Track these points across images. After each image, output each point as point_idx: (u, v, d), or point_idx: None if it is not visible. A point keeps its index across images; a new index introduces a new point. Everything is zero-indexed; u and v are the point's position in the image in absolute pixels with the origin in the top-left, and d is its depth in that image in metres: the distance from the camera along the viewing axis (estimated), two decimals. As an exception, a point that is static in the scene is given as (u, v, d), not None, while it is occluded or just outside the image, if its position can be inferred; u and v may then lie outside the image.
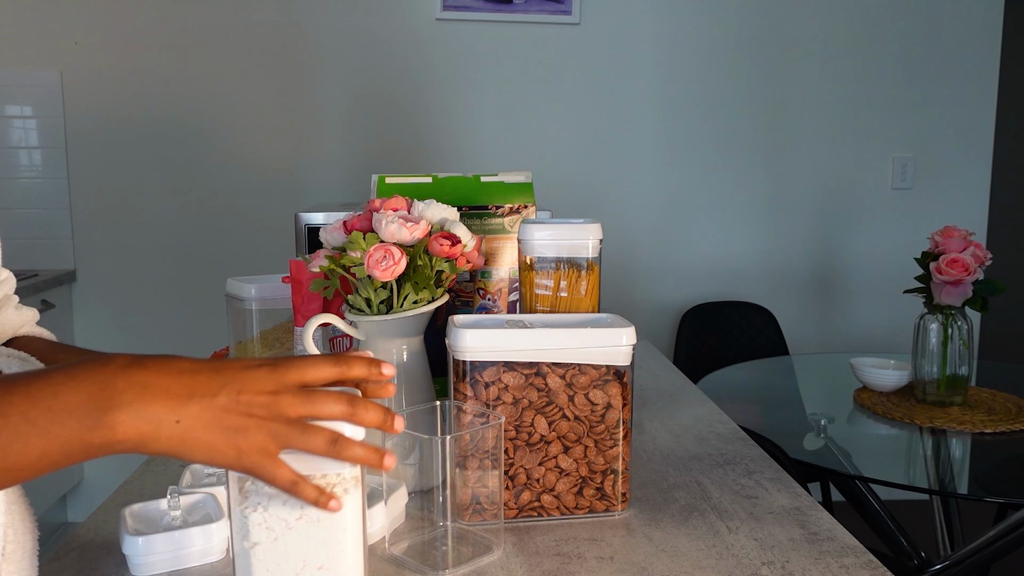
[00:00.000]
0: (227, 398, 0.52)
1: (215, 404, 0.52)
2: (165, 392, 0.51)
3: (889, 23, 2.89)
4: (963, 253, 1.70)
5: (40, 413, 0.48)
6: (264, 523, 0.59)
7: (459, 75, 2.80)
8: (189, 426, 0.51)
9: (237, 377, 0.53)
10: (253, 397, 0.53)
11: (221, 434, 0.52)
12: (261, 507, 0.59)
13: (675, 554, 0.82)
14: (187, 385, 0.52)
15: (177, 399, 0.51)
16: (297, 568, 0.60)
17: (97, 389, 0.50)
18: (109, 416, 0.49)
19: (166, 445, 0.51)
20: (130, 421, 0.50)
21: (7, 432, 0.47)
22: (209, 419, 0.52)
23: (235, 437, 0.52)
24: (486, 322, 0.91)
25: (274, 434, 0.53)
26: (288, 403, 0.54)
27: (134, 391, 0.50)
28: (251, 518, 0.59)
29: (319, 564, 0.60)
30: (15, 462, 0.47)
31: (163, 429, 0.51)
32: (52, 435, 0.48)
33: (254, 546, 0.59)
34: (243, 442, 0.52)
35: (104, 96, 2.70)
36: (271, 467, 0.53)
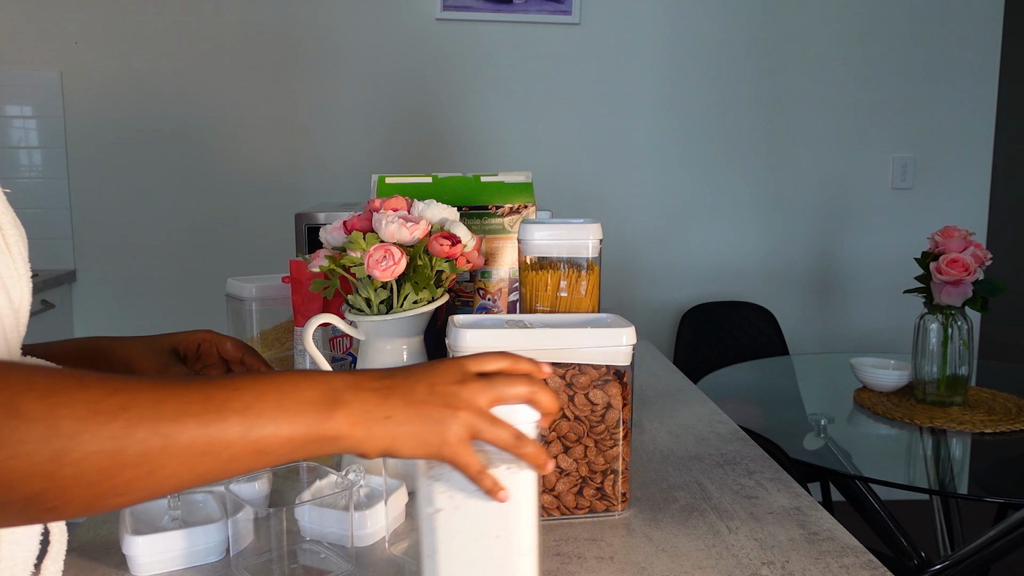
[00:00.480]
0: (424, 391, 0.58)
1: (413, 397, 0.57)
2: (373, 393, 0.57)
3: (889, 23, 2.89)
4: (963, 253, 1.70)
5: (289, 403, 0.53)
6: (447, 492, 0.63)
7: (459, 75, 2.80)
8: (398, 421, 0.56)
9: (429, 373, 0.59)
10: (446, 388, 0.58)
11: (423, 425, 0.57)
12: (445, 477, 0.63)
13: (675, 554, 0.82)
14: (388, 385, 0.57)
15: (382, 395, 0.57)
16: (476, 536, 0.64)
17: (327, 388, 0.56)
18: (337, 412, 0.55)
19: (381, 443, 0.56)
20: (352, 418, 0.55)
21: (265, 418, 0.52)
22: (412, 413, 0.57)
23: (437, 428, 0.57)
24: (486, 322, 0.91)
25: (469, 425, 0.58)
26: (476, 389, 0.59)
27: (351, 391, 0.56)
28: (435, 487, 0.63)
29: (496, 534, 0.64)
30: (267, 445, 0.52)
31: (377, 427, 0.56)
32: (298, 424, 0.53)
33: (437, 512, 0.63)
34: (444, 432, 0.57)
35: (104, 96, 2.70)
36: (466, 456, 0.58)
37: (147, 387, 0.50)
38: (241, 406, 0.52)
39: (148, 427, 0.48)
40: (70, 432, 0.45)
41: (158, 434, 0.48)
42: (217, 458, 0.51)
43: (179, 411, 0.49)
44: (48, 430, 0.45)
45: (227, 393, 0.52)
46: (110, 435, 0.47)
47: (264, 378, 0.54)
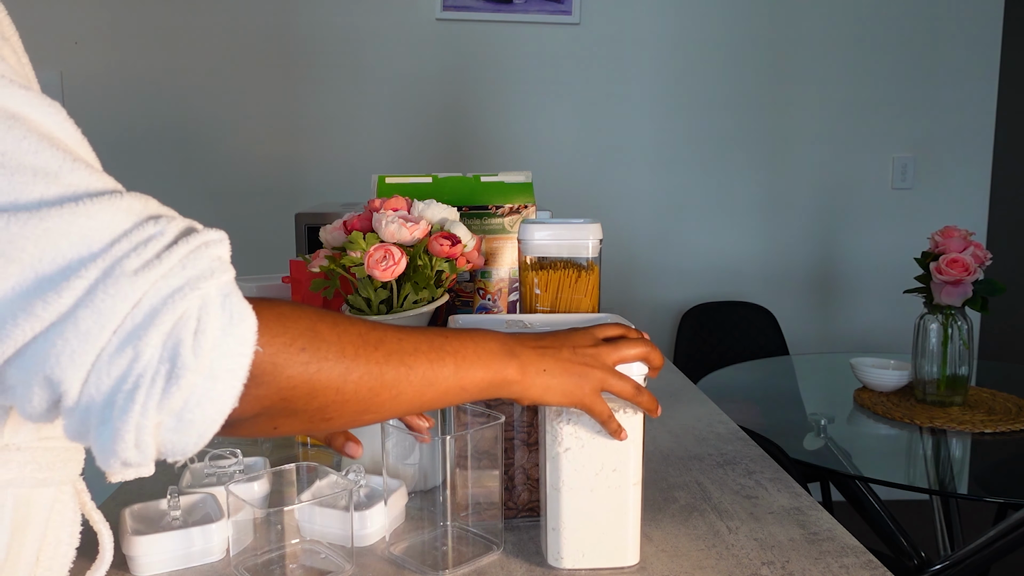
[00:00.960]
0: (568, 352, 0.71)
1: (561, 356, 0.71)
2: (532, 349, 0.70)
3: (889, 23, 2.89)
4: (963, 253, 1.70)
5: (483, 352, 0.66)
6: (574, 433, 0.77)
7: (459, 75, 2.80)
8: (551, 372, 0.69)
9: (570, 337, 0.73)
10: (585, 350, 0.72)
11: (569, 379, 0.70)
12: (572, 421, 0.77)
13: (675, 554, 0.82)
14: (542, 346, 0.71)
15: (538, 352, 0.70)
16: (596, 469, 0.78)
17: (504, 342, 0.68)
18: (513, 360, 0.67)
19: (538, 390, 0.69)
20: (521, 369, 0.68)
21: (469, 361, 0.64)
22: (561, 368, 0.70)
23: (580, 381, 0.71)
24: (486, 322, 0.91)
25: (602, 379, 0.72)
26: (606, 351, 0.73)
27: (519, 347, 0.69)
28: (564, 429, 0.77)
29: (613, 467, 0.78)
30: (468, 383, 0.64)
31: (538, 377, 0.69)
32: (488, 370, 0.66)
33: (566, 451, 0.77)
34: (585, 384, 0.71)
35: (104, 96, 2.70)
36: (600, 404, 0.73)
37: (390, 328, 0.61)
38: (452, 350, 0.64)
39: (398, 359, 0.59)
40: (352, 354, 0.56)
41: (404, 364, 0.60)
42: (436, 390, 0.62)
43: (415, 348, 0.61)
44: (340, 352, 0.55)
45: (441, 339, 0.64)
46: (376, 360, 0.58)
47: (462, 332, 0.67)
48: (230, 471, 0.95)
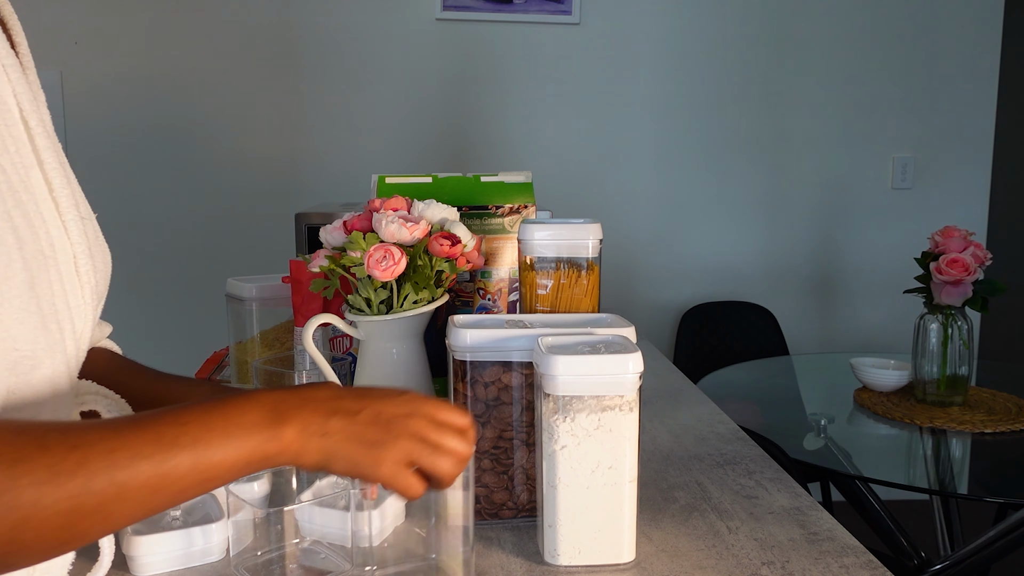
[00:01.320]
0: (368, 415, 0.60)
1: (358, 419, 0.59)
2: (317, 409, 0.59)
3: (889, 23, 2.89)
4: (963, 253, 1.70)
5: (235, 429, 0.55)
6: (571, 431, 0.77)
7: (459, 75, 2.80)
8: (335, 438, 0.58)
9: (378, 399, 0.61)
10: (392, 416, 0.60)
11: (360, 446, 0.59)
12: (569, 418, 0.76)
13: (675, 554, 0.82)
14: (334, 405, 0.59)
15: (324, 415, 0.58)
16: (592, 466, 0.77)
17: (271, 407, 0.57)
18: (281, 429, 0.57)
19: (315, 456, 0.58)
20: (293, 435, 0.57)
21: (213, 447, 0.54)
22: (351, 432, 0.59)
23: (374, 449, 0.59)
24: (486, 322, 0.91)
25: (408, 449, 0.60)
26: (422, 425, 0.61)
27: (296, 409, 0.58)
28: (560, 426, 0.77)
29: (609, 464, 0.78)
30: (214, 472, 0.54)
31: (312, 441, 0.58)
32: (243, 447, 0.55)
33: (562, 448, 0.77)
34: (382, 453, 0.59)
35: (104, 96, 2.70)
36: (404, 479, 0.60)
37: (104, 435, 0.51)
38: (190, 440, 0.53)
39: (105, 479, 0.49)
40: (31, 501, 0.46)
41: (114, 484, 0.50)
42: (168, 491, 0.53)
43: (133, 456, 0.51)
44: (12, 501, 0.46)
45: (176, 429, 0.53)
46: (68, 495, 0.48)
47: (213, 407, 0.56)
48: None
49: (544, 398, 0.78)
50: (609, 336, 0.84)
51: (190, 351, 2.77)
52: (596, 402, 0.77)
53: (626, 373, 0.76)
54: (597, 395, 0.76)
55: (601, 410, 0.77)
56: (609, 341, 0.82)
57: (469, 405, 0.86)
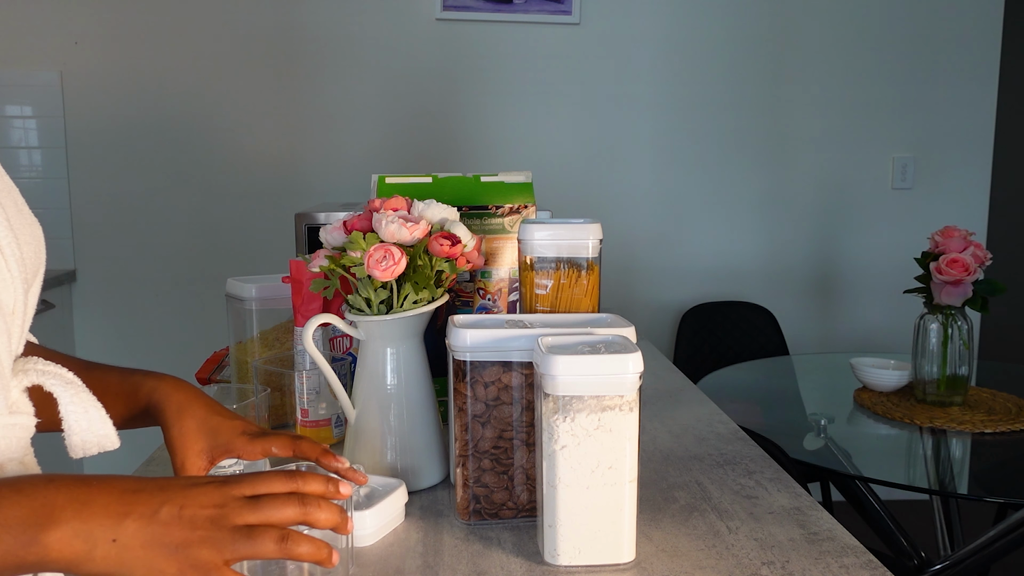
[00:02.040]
0: (168, 514, 0.51)
1: (156, 520, 0.51)
2: (104, 510, 0.50)
3: (889, 23, 2.89)
4: (963, 253, 1.70)
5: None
6: (571, 431, 0.77)
7: (459, 75, 2.80)
8: (126, 545, 0.50)
9: (181, 493, 0.52)
10: (197, 511, 0.52)
11: (161, 551, 0.50)
12: (569, 418, 0.77)
13: (675, 554, 0.82)
14: (127, 503, 0.51)
15: (115, 517, 0.50)
16: (592, 466, 0.77)
17: (39, 505, 0.48)
18: (45, 534, 0.48)
19: (101, 565, 0.49)
20: (65, 540, 0.48)
21: None
22: (148, 536, 0.50)
23: (177, 553, 0.50)
24: (486, 322, 0.91)
25: (219, 545, 0.51)
26: (235, 513, 0.53)
27: (73, 508, 0.49)
28: (560, 426, 0.77)
29: (609, 464, 0.78)
30: None
31: (98, 548, 0.49)
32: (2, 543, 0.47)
33: (563, 448, 0.77)
34: (186, 558, 0.51)
35: (104, 96, 2.70)
36: (189, 562, 0.51)
37: None
38: None
39: None
40: None
41: None
42: None
43: None
44: None
45: None
46: None
47: None
48: (230, 471, 0.95)
49: (544, 398, 0.78)
50: (609, 336, 0.84)
51: (190, 351, 2.77)
52: (596, 402, 0.77)
53: (626, 373, 0.76)
54: (597, 395, 0.76)
55: (601, 410, 0.77)
56: (609, 341, 0.82)
57: (469, 405, 0.87)
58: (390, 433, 0.96)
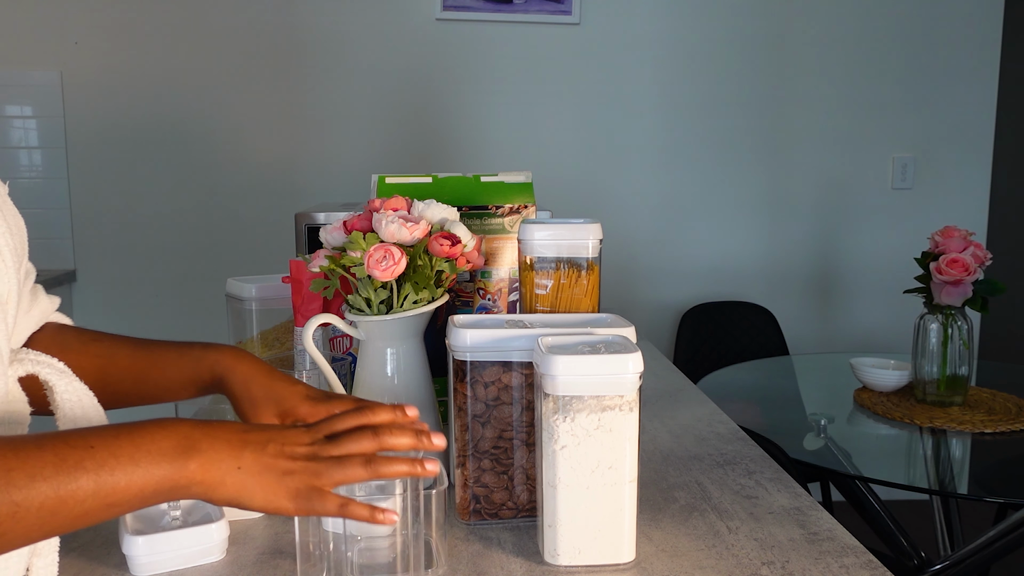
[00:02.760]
0: (274, 449, 0.61)
1: (266, 452, 0.60)
2: (227, 444, 0.59)
3: (889, 23, 2.89)
4: (963, 253, 1.70)
5: (142, 456, 0.56)
6: (571, 431, 0.77)
7: (459, 75, 2.80)
8: (248, 471, 0.59)
9: (280, 434, 0.63)
10: (295, 448, 0.62)
11: (272, 478, 0.60)
12: (569, 418, 0.77)
13: (675, 554, 0.82)
14: (243, 439, 0.60)
15: (237, 447, 0.60)
16: (592, 466, 0.77)
17: (183, 437, 0.58)
18: (192, 460, 0.57)
19: (232, 490, 0.59)
20: (205, 466, 0.58)
21: (118, 473, 0.54)
22: (262, 465, 0.60)
23: (285, 479, 0.60)
24: (486, 322, 0.91)
25: (316, 472, 0.61)
26: (324, 450, 0.63)
27: (207, 441, 0.59)
28: (560, 427, 0.77)
29: (609, 464, 0.78)
30: (120, 497, 0.55)
31: (228, 475, 0.59)
32: (150, 475, 0.56)
33: (563, 448, 0.77)
34: (292, 483, 0.60)
35: (104, 96, 2.70)
36: (320, 501, 0.61)
37: (2, 453, 0.51)
38: (94, 464, 0.53)
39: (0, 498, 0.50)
40: None
41: (9, 502, 0.50)
42: (68, 515, 0.52)
43: (30, 477, 0.51)
44: None
45: (81, 452, 0.53)
46: None
47: (121, 431, 0.56)
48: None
49: (544, 398, 0.78)
50: (609, 336, 0.84)
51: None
52: (596, 402, 0.77)
53: (626, 373, 0.76)
54: (597, 395, 0.76)
55: (601, 410, 0.77)
56: (609, 341, 0.82)
57: (469, 405, 0.87)
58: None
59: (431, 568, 0.79)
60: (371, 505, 0.63)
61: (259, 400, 0.79)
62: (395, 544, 0.79)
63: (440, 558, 0.79)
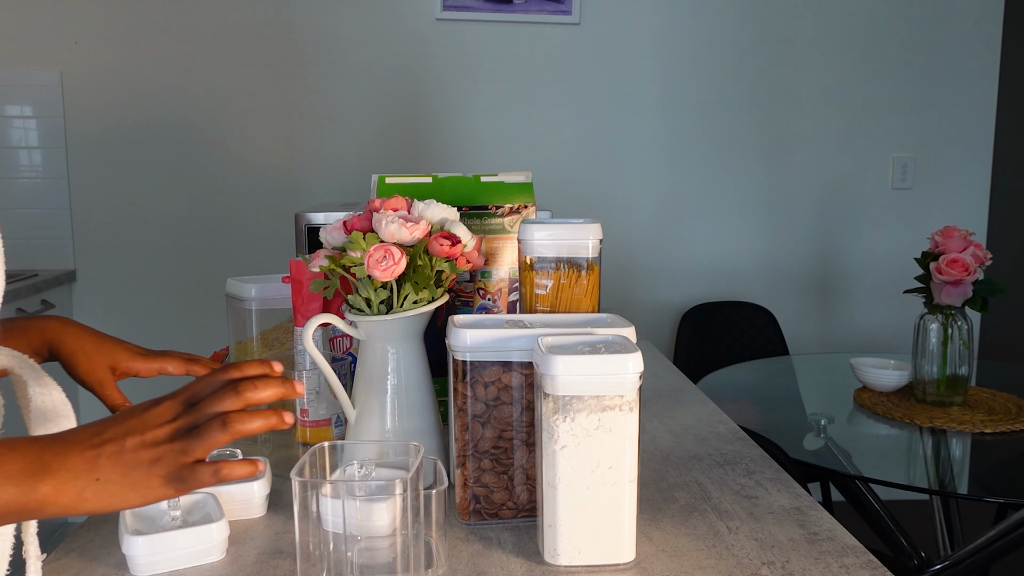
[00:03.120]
0: (133, 442, 0.57)
1: (125, 450, 0.57)
2: (80, 457, 0.56)
3: (889, 23, 2.89)
4: (963, 253, 1.70)
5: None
6: (571, 431, 0.77)
7: (459, 75, 2.80)
8: (109, 479, 0.56)
9: (138, 421, 0.59)
10: (156, 432, 0.58)
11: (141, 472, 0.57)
12: (568, 418, 0.77)
13: (675, 554, 0.82)
14: (96, 446, 0.57)
15: (91, 460, 0.56)
16: (592, 466, 0.77)
17: (32, 460, 0.55)
18: (42, 483, 0.54)
19: (95, 502, 0.56)
20: (58, 488, 0.55)
21: None
22: (124, 466, 0.57)
23: (154, 468, 0.57)
24: (486, 322, 0.91)
25: (182, 451, 0.58)
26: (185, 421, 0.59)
27: (59, 460, 0.55)
28: (560, 426, 0.77)
29: (609, 464, 0.78)
30: None
31: (87, 489, 0.55)
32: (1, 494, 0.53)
33: (563, 448, 0.77)
34: (162, 469, 0.57)
35: (104, 96, 2.70)
36: (193, 477, 0.58)
37: None
38: None
39: None
40: None
41: None
42: None
43: None
44: None
45: None
46: None
47: None
48: None
49: (544, 398, 0.78)
50: (609, 336, 0.84)
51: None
52: (596, 402, 0.76)
53: (626, 373, 0.76)
54: (597, 395, 0.76)
55: (601, 410, 0.77)
56: (609, 341, 0.82)
57: (469, 405, 0.87)
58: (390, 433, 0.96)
59: (431, 568, 0.79)
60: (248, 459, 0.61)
61: (92, 353, 0.82)
62: (395, 544, 0.79)
63: (440, 558, 0.79)
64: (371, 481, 0.81)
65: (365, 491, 0.80)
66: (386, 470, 0.89)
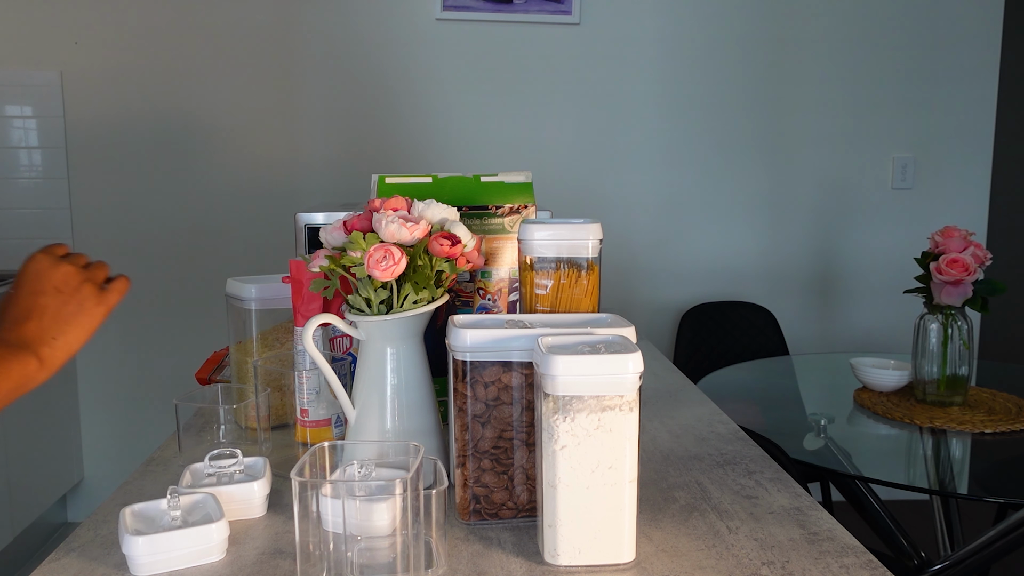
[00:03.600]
0: (56, 299, 0.75)
1: (58, 305, 0.74)
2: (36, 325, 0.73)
3: (889, 23, 2.89)
4: (963, 253, 1.70)
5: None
6: (571, 431, 0.77)
7: (459, 75, 2.80)
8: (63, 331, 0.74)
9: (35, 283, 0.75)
10: (65, 280, 0.76)
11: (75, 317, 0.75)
12: (568, 418, 0.77)
13: (675, 554, 0.82)
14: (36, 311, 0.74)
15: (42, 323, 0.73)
16: (592, 466, 0.78)
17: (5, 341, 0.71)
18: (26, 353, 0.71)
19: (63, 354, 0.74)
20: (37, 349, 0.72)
21: None
22: (64, 318, 0.74)
23: (84, 309, 0.76)
24: (486, 322, 0.91)
25: (90, 277, 0.78)
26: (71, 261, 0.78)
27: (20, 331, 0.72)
28: (560, 427, 0.77)
29: (609, 464, 0.78)
30: None
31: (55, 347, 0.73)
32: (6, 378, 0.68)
33: (563, 448, 0.77)
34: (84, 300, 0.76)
35: (104, 96, 2.70)
36: (109, 298, 0.79)
37: None
38: None
39: None
40: None
41: None
42: None
43: None
44: None
45: None
46: None
47: None
48: (230, 471, 0.95)
49: (544, 398, 0.78)
50: (609, 336, 0.84)
51: (190, 351, 2.77)
52: (596, 402, 0.77)
53: (626, 373, 0.76)
54: (597, 395, 0.76)
55: (601, 410, 0.77)
56: (609, 341, 0.82)
57: (469, 405, 0.86)
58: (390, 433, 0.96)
59: (431, 568, 0.79)
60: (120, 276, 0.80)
61: None
62: (395, 544, 0.79)
63: (440, 558, 0.79)
64: (371, 481, 0.81)
65: (365, 491, 0.80)
66: (386, 470, 0.89)
